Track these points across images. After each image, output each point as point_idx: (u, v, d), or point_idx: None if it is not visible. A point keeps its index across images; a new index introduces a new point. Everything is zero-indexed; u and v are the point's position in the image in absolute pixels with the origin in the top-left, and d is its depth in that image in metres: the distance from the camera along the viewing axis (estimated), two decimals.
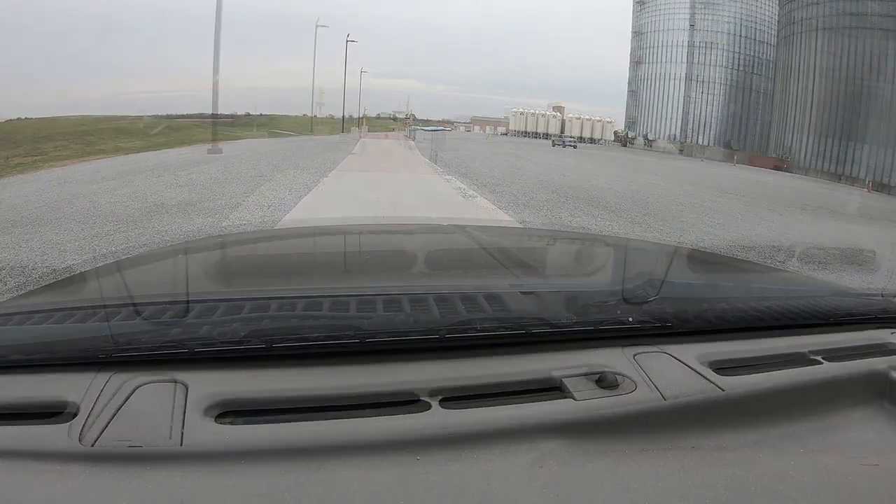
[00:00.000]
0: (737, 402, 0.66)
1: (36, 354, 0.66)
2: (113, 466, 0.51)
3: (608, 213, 8.69)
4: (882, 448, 0.63)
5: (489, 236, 1.63)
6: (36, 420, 0.57)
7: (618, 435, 0.60)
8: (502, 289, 0.90)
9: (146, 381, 0.62)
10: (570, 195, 10.50)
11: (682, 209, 10.18)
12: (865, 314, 0.92)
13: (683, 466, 0.56)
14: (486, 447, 0.56)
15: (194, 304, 0.77)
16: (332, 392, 0.62)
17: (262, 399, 0.61)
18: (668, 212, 9.57)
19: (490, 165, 17.06)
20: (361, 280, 1.08)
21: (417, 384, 0.64)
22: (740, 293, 1.04)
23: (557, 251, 1.56)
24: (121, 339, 0.66)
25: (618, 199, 10.71)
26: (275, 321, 0.73)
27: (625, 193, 11.94)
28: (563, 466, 0.55)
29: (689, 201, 11.76)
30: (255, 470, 0.51)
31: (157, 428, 0.55)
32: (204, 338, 0.67)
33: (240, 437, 0.55)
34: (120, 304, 0.77)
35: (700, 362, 0.72)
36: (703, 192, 14.36)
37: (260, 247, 1.50)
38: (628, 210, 9.17)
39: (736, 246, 6.24)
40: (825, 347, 0.80)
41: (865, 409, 0.70)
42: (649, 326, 0.78)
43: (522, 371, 0.68)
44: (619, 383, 0.67)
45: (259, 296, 0.84)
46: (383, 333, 0.70)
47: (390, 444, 0.55)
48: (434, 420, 0.59)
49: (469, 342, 0.72)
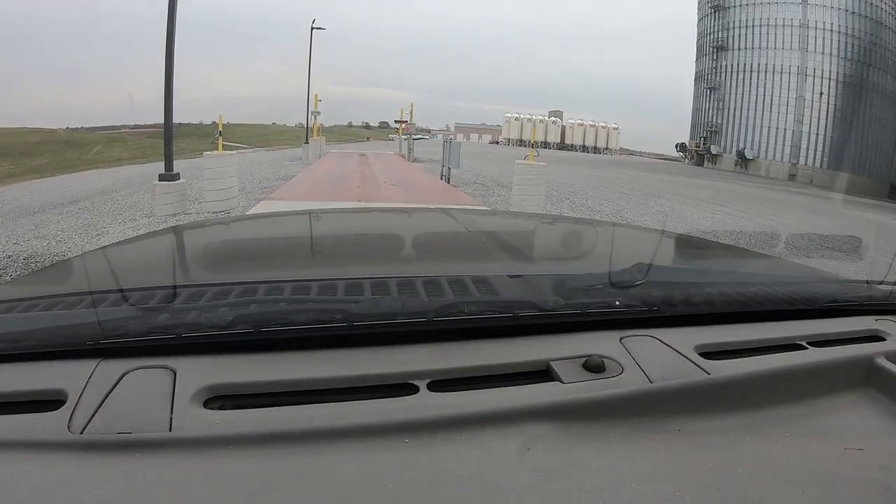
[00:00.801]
0: (723, 386, 0.66)
1: (22, 343, 0.66)
2: (102, 454, 0.51)
3: None
4: (865, 433, 0.64)
5: (476, 220, 1.67)
6: (24, 409, 0.57)
7: (605, 418, 0.60)
8: (490, 272, 0.91)
9: (134, 367, 0.63)
10: None
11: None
12: (850, 301, 0.93)
13: (670, 449, 0.57)
14: (475, 430, 0.56)
15: (181, 290, 0.78)
16: (321, 376, 0.63)
17: (251, 384, 0.61)
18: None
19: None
20: (349, 264, 1.08)
21: (406, 368, 0.65)
22: (727, 278, 1.06)
23: (545, 235, 1.56)
24: (108, 326, 0.66)
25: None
26: (262, 306, 0.73)
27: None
28: (550, 449, 0.55)
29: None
30: (244, 455, 0.51)
31: (145, 414, 0.55)
32: (191, 323, 0.67)
33: (228, 423, 0.55)
34: (107, 290, 0.77)
35: (687, 346, 0.73)
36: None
37: (247, 231, 1.49)
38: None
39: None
40: (811, 333, 0.81)
41: (850, 394, 0.71)
42: (637, 310, 0.79)
43: (510, 354, 0.69)
44: (607, 367, 0.68)
45: (246, 280, 0.84)
46: (371, 317, 0.70)
47: (379, 428, 0.55)
48: (422, 404, 0.60)
49: (457, 325, 0.72)
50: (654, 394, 0.64)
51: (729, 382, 0.67)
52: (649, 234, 1.81)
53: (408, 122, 30.33)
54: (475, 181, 14.57)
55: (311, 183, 13.01)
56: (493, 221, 1.81)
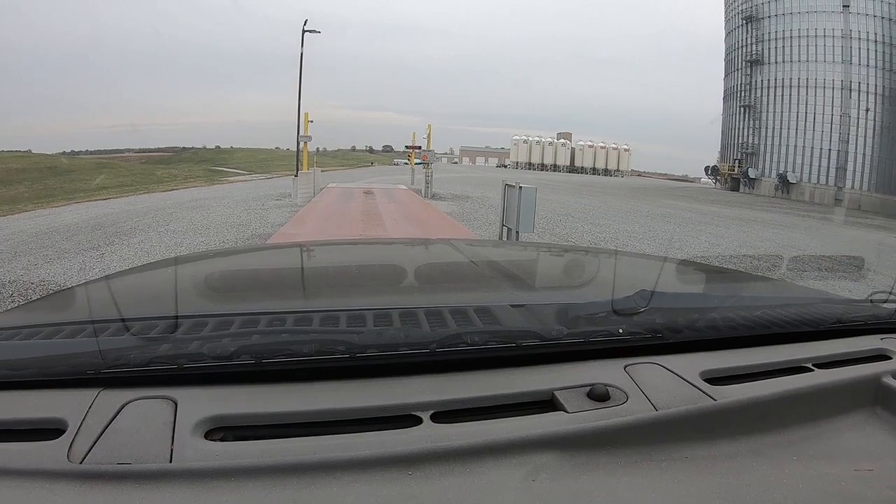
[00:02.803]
0: (729, 411, 0.67)
1: (23, 370, 0.66)
2: (102, 484, 0.51)
3: None
4: (875, 453, 0.64)
5: (477, 250, 1.68)
6: (24, 437, 0.57)
7: (610, 447, 0.60)
8: (492, 302, 0.91)
9: (135, 397, 0.63)
10: None
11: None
12: (854, 321, 0.93)
13: (677, 477, 0.57)
14: (479, 461, 0.56)
15: (183, 320, 0.78)
16: (323, 408, 0.63)
17: (253, 416, 0.62)
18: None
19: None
20: (351, 295, 1.08)
21: (409, 400, 0.65)
22: (730, 303, 1.07)
23: (547, 264, 1.59)
24: (109, 356, 0.66)
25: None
26: (264, 337, 0.73)
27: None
28: (556, 479, 0.55)
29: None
30: (246, 487, 0.51)
31: (146, 445, 0.55)
32: (193, 354, 0.67)
33: (230, 455, 0.55)
34: (108, 319, 0.78)
35: (691, 373, 0.74)
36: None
37: (249, 262, 1.50)
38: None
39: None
40: (816, 355, 0.81)
41: (857, 415, 0.71)
42: (640, 338, 0.80)
43: (514, 384, 0.70)
44: (611, 395, 0.68)
45: (248, 311, 0.85)
46: (374, 348, 0.71)
47: (382, 460, 0.55)
48: (426, 435, 0.60)
49: (460, 356, 0.73)
50: (660, 421, 0.63)
51: (735, 408, 0.67)
52: (651, 261, 1.90)
53: (422, 147, 24.99)
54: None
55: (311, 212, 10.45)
56: (495, 251, 1.84)
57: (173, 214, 13.02)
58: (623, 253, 3.49)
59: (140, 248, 8.28)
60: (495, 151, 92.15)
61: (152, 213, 13.61)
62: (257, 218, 12.30)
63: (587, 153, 78.21)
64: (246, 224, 11.21)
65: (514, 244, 4.23)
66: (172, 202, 17.62)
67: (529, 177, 48.47)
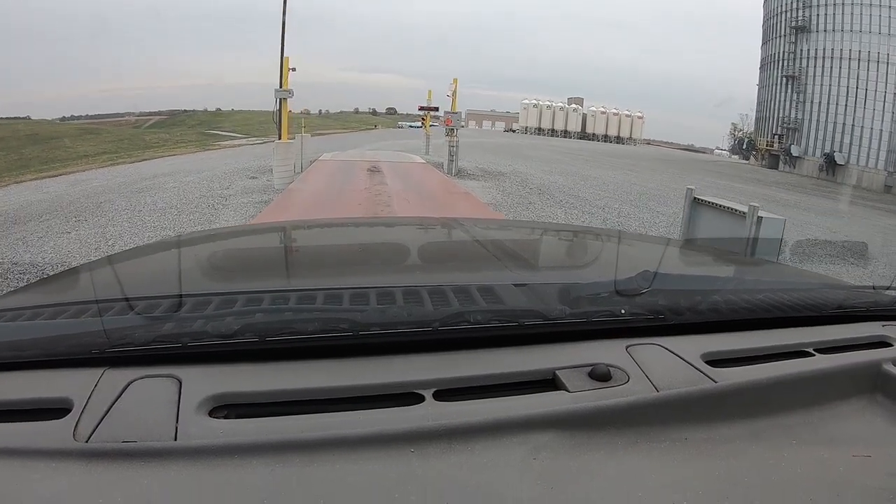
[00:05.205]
0: (729, 394, 0.68)
1: (28, 351, 0.68)
2: (107, 463, 0.52)
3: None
4: (874, 440, 0.65)
5: (481, 229, 1.68)
6: (30, 417, 0.58)
7: (611, 427, 0.62)
8: (495, 281, 0.93)
9: (139, 376, 0.64)
10: None
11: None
12: (857, 307, 0.94)
13: (676, 458, 0.58)
14: (480, 440, 0.57)
15: (187, 299, 0.79)
16: (326, 386, 0.65)
17: (256, 393, 0.63)
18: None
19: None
20: (354, 273, 1.09)
21: (411, 378, 0.66)
22: (733, 285, 1.08)
23: (550, 244, 1.59)
24: (114, 335, 0.68)
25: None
26: (268, 315, 0.74)
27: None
28: (556, 458, 0.56)
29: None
30: (250, 464, 0.52)
31: (150, 423, 0.57)
32: (197, 332, 0.69)
33: (234, 432, 0.57)
34: (112, 299, 0.79)
35: (693, 354, 0.75)
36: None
37: (253, 241, 1.51)
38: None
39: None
40: (817, 340, 0.82)
41: (857, 401, 0.72)
42: (642, 318, 0.81)
43: (516, 364, 0.71)
44: (613, 375, 0.69)
45: (252, 290, 0.86)
46: (377, 327, 0.72)
47: (384, 438, 0.56)
48: (428, 413, 0.61)
49: (462, 335, 0.74)
50: (661, 402, 0.65)
51: (735, 390, 0.68)
52: (654, 243, 1.93)
53: (440, 111, 19.45)
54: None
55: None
56: (498, 231, 1.80)
57: (101, 206, 9.56)
58: (626, 234, 3.50)
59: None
60: (502, 115, 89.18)
61: (82, 199, 10.56)
62: (204, 219, 8.11)
63: (599, 119, 75.22)
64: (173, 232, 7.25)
65: (519, 224, 4.12)
66: (129, 179, 14.75)
67: (542, 142, 44.38)
